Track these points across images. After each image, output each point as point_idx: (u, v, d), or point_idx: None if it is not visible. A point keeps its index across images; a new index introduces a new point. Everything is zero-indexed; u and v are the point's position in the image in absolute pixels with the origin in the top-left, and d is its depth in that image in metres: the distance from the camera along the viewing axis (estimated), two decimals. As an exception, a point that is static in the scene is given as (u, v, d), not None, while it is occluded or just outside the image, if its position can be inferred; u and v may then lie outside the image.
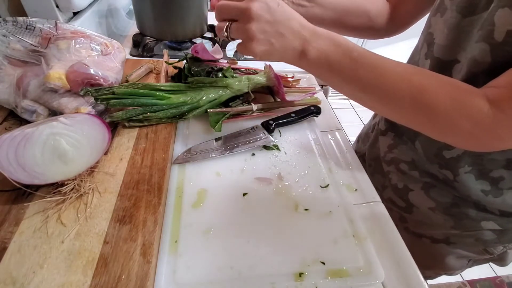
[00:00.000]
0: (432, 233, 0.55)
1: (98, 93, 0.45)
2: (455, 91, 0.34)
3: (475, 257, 0.55)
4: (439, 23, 0.44)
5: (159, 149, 0.45)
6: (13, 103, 0.45)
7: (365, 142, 0.69)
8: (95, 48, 0.50)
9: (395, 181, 0.57)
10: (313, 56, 0.37)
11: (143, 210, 0.37)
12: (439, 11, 0.45)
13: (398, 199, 0.57)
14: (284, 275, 0.34)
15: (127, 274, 0.31)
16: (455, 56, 0.42)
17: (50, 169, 0.36)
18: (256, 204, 0.42)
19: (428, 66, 0.46)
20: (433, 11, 0.47)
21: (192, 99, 0.51)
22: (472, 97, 0.33)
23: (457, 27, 0.41)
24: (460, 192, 0.48)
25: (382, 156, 0.59)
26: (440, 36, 0.44)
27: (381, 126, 0.60)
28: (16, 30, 0.46)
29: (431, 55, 0.45)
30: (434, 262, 0.58)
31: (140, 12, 0.75)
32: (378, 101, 0.38)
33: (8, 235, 0.33)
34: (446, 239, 0.54)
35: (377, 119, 0.66)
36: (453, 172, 0.47)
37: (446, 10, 0.43)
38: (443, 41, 0.43)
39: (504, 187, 0.44)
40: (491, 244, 0.51)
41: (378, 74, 0.36)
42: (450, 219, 0.51)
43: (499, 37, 0.35)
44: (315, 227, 0.40)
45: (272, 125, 0.52)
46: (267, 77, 0.56)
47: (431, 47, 0.45)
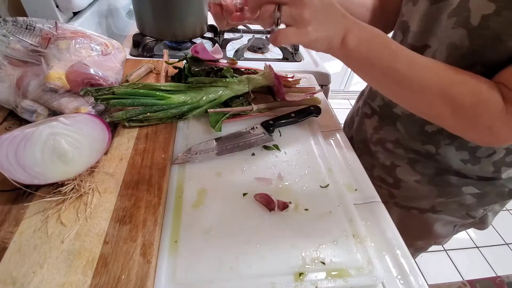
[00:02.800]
0: (419, 204, 0.59)
1: (98, 93, 0.45)
2: (478, 86, 0.36)
3: (459, 222, 0.60)
4: (411, 12, 0.48)
5: (159, 149, 0.45)
6: (13, 103, 0.45)
7: (351, 126, 0.72)
8: (95, 48, 0.50)
9: (383, 160, 0.60)
10: (353, 45, 0.37)
11: (143, 210, 0.37)
12: (411, 0, 0.48)
13: (386, 176, 0.61)
14: (284, 275, 0.34)
15: (127, 274, 0.31)
16: (426, 41, 0.45)
17: (50, 169, 0.36)
18: (256, 204, 0.42)
19: None
20: (405, 0, 0.50)
21: (192, 99, 0.51)
22: (492, 93, 0.36)
23: (426, 14, 0.44)
24: (442, 163, 0.52)
25: (369, 138, 0.62)
26: (413, 23, 0.47)
27: (366, 110, 0.64)
28: (16, 30, 0.46)
29: (406, 42, 0.49)
30: (423, 232, 0.63)
31: (140, 12, 0.75)
32: (409, 94, 0.39)
33: (8, 235, 0.33)
34: (432, 208, 0.58)
35: (360, 103, 0.69)
36: (435, 146, 0.51)
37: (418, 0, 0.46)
38: (416, 28, 0.47)
39: (482, 155, 0.49)
40: (472, 208, 0.56)
41: (413, 68, 0.37)
42: (435, 188, 0.55)
43: (475, 21, 0.38)
44: (315, 227, 0.40)
45: (272, 125, 0.52)
46: (267, 77, 0.56)
47: (407, 35, 0.49)
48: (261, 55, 0.86)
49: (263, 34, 0.97)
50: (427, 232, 0.62)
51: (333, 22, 0.36)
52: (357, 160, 0.51)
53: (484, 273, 1.38)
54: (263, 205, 0.42)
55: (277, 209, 0.41)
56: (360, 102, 0.69)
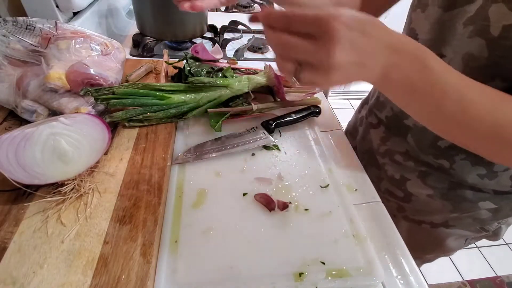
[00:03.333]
0: (431, 219, 0.56)
1: (98, 93, 0.45)
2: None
3: (472, 236, 0.57)
4: (420, 19, 0.45)
5: (159, 149, 0.45)
6: (13, 103, 0.45)
7: (354, 136, 0.69)
8: (95, 48, 0.50)
9: (391, 172, 0.57)
10: (396, 81, 0.32)
11: (143, 210, 0.37)
12: (419, 6, 0.45)
13: (396, 189, 0.58)
14: (284, 275, 0.34)
15: (127, 274, 0.31)
16: (439, 50, 0.42)
17: (50, 169, 0.36)
18: (256, 204, 0.42)
19: None
20: (413, 6, 0.48)
21: (192, 99, 0.51)
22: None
23: (438, 21, 0.42)
24: (456, 177, 0.49)
25: (376, 149, 0.60)
26: (424, 31, 0.45)
27: (372, 119, 0.61)
28: (16, 30, 0.46)
29: None
30: (434, 246, 0.60)
31: (140, 12, 0.75)
32: (456, 130, 0.35)
33: (8, 235, 0.33)
34: (445, 223, 0.55)
35: (364, 112, 0.66)
36: (449, 161, 0.48)
37: (428, 6, 0.44)
38: (427, 36, 0.44)
39: (499, 170, 0.46)
40: (487, 222, 0.53)
41: (463, 106, 0.32)
42: (449, 203, 0.52)
43: (495, 32, 0.36)
44: (315, 227, 0.40)
45: (272, 125, 0.52)
46: (267, 77, 0.56)
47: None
48: (261, 55, 0.86)
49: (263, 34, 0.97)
50: (438, 246, 0.60)
51: (371, 59, 0.30)
52: (357, 160, 0.51)
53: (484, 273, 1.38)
54: (263, 205, 0.42)
55: (277, 209, 0.41)
56: (363, 111, 0.67)
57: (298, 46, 0.29)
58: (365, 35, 0.28)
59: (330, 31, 0.26)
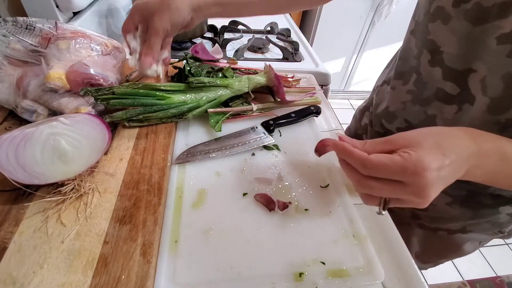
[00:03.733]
0: (448, 226, 0.55)
1: (98, 93, 0.45)
2: None
3: (488, 238, 0.57)
4: (443, 31, 0.43)
5: (159, 149, 0.45)
6: (13, 103, 0.45)
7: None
8: (95, 48, 0.50)
9: None
10: (478, 175, 0.33)
11: (143, 210, 0.37)
12: (439, 17, 0.43)
13: None
14: (284, 275, 0.34)
15: (127, 274, 0.31)
16: (469, 65, 0.41)
17: (50, 169, 0.36)
18: (256, 204, 0.42)
19: (441, 75, 0.45)
20: (429, 16, 0.45)
21: (192, 99, 0.51)
22: None
23: (468, 36, 0.39)
24: (475, 186, 0.48)
25: None
26: (450, 45, 0.42)
27: (378, 129, 0.59)
28: (16, 30, 0.46)
29: (442, 63, 0.44)
30: (450, 252, 0.59)
31: (140, 12, 0.75)
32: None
33: (8, 235, 0.33)
34: (462, 229, 0.54)
35: (365, 120, 0.65)
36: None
37: (451, 18, 0.41)
38: (455, 50, 0.42)
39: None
40: (505, 224, 0.53)
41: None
42: (468, 210, 0.51)
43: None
44: (315, 227, 0.40)
45: (272, 125, 0.52)
46: (267, 77, 0.56)
47: (438, 55, 0.44)
48: (261, 55, 0.86)
49: (263, 34, 0.97)
50: (454, 251, 0.59)
51: (456, 176, 0.30)
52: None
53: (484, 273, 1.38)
54: (263, 205, 0.42)
55: (277, 209, 0.41)
56: (365, 119, 0.65)
57: (384, 190, 0.29)
58: (450, 164, 0.28)
59: (422, 181, 0.27)
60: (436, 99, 0.46)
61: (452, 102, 0.44)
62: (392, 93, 0.55)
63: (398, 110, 0.53)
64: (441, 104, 0.46)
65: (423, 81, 0.48)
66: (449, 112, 0.45)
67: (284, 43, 0.90)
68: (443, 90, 0.45)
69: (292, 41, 0.89)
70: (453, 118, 0.45)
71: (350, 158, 0.31)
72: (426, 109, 0.48)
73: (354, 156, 0.30)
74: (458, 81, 0.43)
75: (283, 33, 0.97)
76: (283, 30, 0.99)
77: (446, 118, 0.46)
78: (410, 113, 0.51)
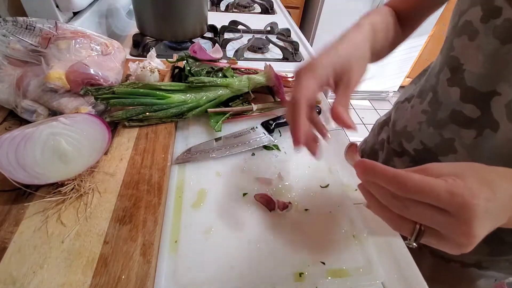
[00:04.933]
0: (462, 258, 0.51)
1: (98, 92, 0.45)
2: None
3: (504, 278, 0.53)
4: (468, 48, 0.40)
5: (159, 149, 0.45)
6: (13, 103, 0.45)
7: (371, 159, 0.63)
8: (95, 48, 0.50)
9: None
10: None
11: (143, 210, 0.37)
12: (466, 33, 0.40)
13: None
14: (284, 275, 0.34)
15: (127, 274, 0.31)
16: (493, 87, 0.38)
17: (50, 169, 0.36)
18: (256, 204, 0.42)
19: (458, 96, 0.42)
20: (455, 31, 0.42)
21: (192, 98, 0.51)
22: None
23: (495, 54, 0.37)
24: None
25: None
26: (474, 63, 0.39)
27: (395, 147, 0.55)
28: (16, 30, 0.46)
29: (462, 83, 0.41)
30: (462, 286, 0.54)
31: (140, 12, 0.75)
32: None
33: (8, 235, 0.33)
34: (478, 264, 0.50)
35: (383, 135, 0.61)
36: None
37: (478, 34, 0.38)
38: (479, 69, 0.39)
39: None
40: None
41: None
42: (486, 246, 0.47)
43: None
44: (315, 227, 0.40)
45: (272, 125, 0.52)
46: (267, 77, 0.56)
47: (459, 74, 0.41)
48: (261, 55, 0.86)
49: (263, 34, 0.97)
50: (466, 285, 0.53)
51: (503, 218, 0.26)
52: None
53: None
54: (263, 205, 0.42)
55: (277, 209, 0.41)
56: (383, 134, 0.61)
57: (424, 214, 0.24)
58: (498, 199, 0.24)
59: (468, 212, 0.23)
60: (451, 121, 0.43)
61: (470, 126, 0.41)
62: (410, 112, 0.52)
63: (414, 130, 0.50)
64: (457, 128, 0.43)
65: (438, 101, 0.45)
66: (467, 136, 0.42)
67: (284, 43, 0.90)
68: (460, 113, 0.42)
69: (292, 41, 0.89)
70: (472, 144, 0.41)
71: (384, 177, 0.25)
72: (441, 132, 0.45)
73: (389, 174, 0.25)
74: (479, 104, 0.39)
75: (283, 33, 0.97)
76: (283, 30, 0.99)
77: (465, 143, 0.42)
78: (424, 134, 0.48)
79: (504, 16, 0.35)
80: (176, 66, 0.62)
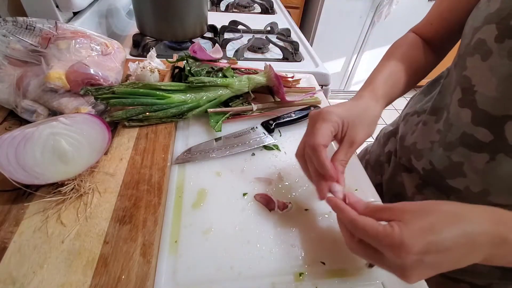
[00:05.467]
0: (472, 279, 0.49)
1: (98, 92, 0.45)
2: None
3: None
4: (480, 68, 0.38)
5: (159, 149, 0.45)
6: (13, 103, 0.45)
7: (377, 171, 0.61)
8: (95, 48, 0.50)
9: None
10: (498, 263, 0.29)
11: (143, 210, 0.37)
12: (479, 52, 0.37)
13: None
14: (284, 275, 0.34)
15: (127, 274, 0.31)
16: (508, 111, 0.36)
17: (50, 169, 0.36)
18: (256, 204, 0.42)
19: (469, 118, 0.39)
20: (468, 49, 0.39)
21: (192, 98, 0.51)
22: None
23: (509, 77, 0.35)
24: None
25: (409, 196, 0.51)
26: (486, 85, 0.37)
27: (404, 161, 0.52)
28: (16, 30, 0.46)
29: (473, 105, 0.39)
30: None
31: (140, 12, 0.75)
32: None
33: (8, 235, 0.33)
34: (488, 286, 0.48)
35: (390, 146, 0.58)
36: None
37: (492, 54, 0.36)
38: (492, 92, 0.36)
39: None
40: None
41: None
42: (497, 269, 0.45)
43: None
44: (315, 227, 0.40)
45: (272, 125, 0.52)
46: (267, 77, 0.56)
47: (470, 95, 0.39)
48: (261, 55, 0.86)
49: (263, 34, 0.97)
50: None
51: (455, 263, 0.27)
52: (357, 160, 0.51)
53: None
54: (263, 205, 0.42)
55: (277, 209, 0.41)
56: (390, 145, 0.58)
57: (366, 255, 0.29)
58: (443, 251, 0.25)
59: (398, 261, 0.26)
60: (461, 145, 0.41)
61: (482, 150, 0.39)
62: (422, 129, 0.48)
63: (425, 149, 0.47)
64: (467, 151, 0.40)
65: (449, 122, 0.43)
66: (478, 161, 0.40)
67: (284, 43, 0.90)
68: (471, 136, 0.39)
69: (292, 41, 0.89)
70: (485, 168, 0.39)
71: (342, 214, 0.31)
72: (450, 154, 0.43)
73: (345, 214, 0.30)
74: (491, 128, 0.37)
75: (283, 33, 0.97)
76: (283, 30, 0.99)
77: (475, 168, 0.40)
78: (435, 155, 0.45)
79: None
80: (176, 66, 0.62)
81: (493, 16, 0.35)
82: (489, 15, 0.36)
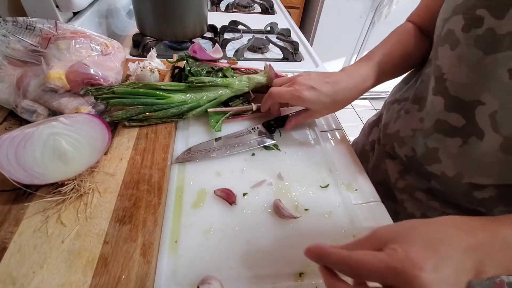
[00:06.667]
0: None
1: (98, 92, 0.45)
2: None
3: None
4: (450, 57, 0.39)
5: (159, 149, 0.45)
6: (13, 103, 0.45)
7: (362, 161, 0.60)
8: (95, 48, 0.50)
9: (411, 210, 0.51)
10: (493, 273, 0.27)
11: (143, 210, 0.37)
12: (448, 42, 0.39)
13: None
14: (284, 275, 0.34)
15: (127, 274, 0.31)
16: (477, 97, 0.37)
17: (50, 169, 0.36)
18: (256, 204, 0.42)
19: (442, 106, 0.41)
20: (439, 39, 0.41)
21: (192, 98, 0.51)
22: None
23: (478, 65, 0.36)
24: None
25: (393, 183, 0.53)
26: (456, 73, 0.39)
27: (388, 149, 0.54)
28: (16, 30, 0.46)
29: (445, 92, 0.41)
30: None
31: (140, 12, 0.75)
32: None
33: (8, 235, 0.33)
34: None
35: (374, 135, 0.60)
36: (485, 209, 0.42)
37: (459, 44, 0.37)
38: (462, 79, 0.38)
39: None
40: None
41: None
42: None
43: None
44: (315, 227, 0.40)
45: (273, 125, 0.52)
46: (267, 76, 0.56)
47: (442, 83, 0.41)
48: (261, 55, 0.86)
49: (263, 34, 0.97)
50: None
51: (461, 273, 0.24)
52: (357, 160, 0.51)
53: (484, 273, 1.38)
54: (224, 199, 0.42)
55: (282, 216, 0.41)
56: (374, 135, 0.61)
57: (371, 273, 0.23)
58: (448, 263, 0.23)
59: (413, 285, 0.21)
60: (436, 131, 0.43)
61: (455, 134, 0.41)
62: (405, 117, 0.50)
63: (407, 137, 0.49)
64: (441, 137, 0.42)
65: (425, 110, 0.45)
66: (452, 145, 0.41)
67: (284, 43, 0.90)
68: (445, 122, 0.41)
69: (292, 41, 0.89)
70: (458, 152, 0.41)
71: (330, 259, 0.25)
72: (426, 141, 0.45)
73: (334, 257, 0.24)
74: (463, 112, 0.39)
75: (283, 33, 0.97)
76: (283, 30, 0.99)
77: (450, 152, 0.42)
78: (416, 142, 0.47)
79: (486, 26, 0.34)
80: (176, 66, 0.62)
81: (460, 7, 0.37)
82: (456, 6, 0.38)
